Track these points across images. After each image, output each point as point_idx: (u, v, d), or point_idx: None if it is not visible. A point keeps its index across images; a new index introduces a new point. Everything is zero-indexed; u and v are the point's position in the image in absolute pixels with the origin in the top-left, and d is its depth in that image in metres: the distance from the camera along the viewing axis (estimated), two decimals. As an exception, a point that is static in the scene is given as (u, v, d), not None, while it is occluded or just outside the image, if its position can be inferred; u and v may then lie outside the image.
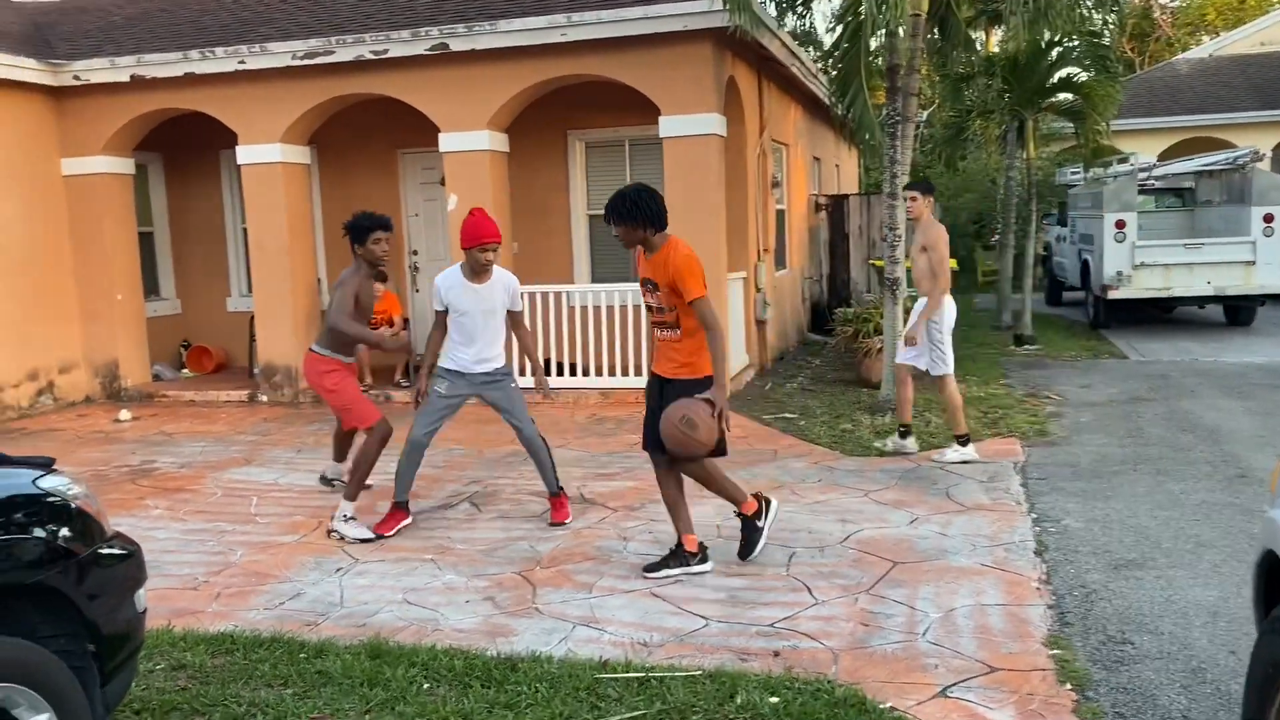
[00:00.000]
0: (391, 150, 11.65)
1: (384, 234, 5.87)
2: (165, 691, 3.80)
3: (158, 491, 6.94)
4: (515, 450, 7.72)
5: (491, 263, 5.73)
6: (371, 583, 4.99)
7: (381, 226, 5.87)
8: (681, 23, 8.83)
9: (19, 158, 10.11)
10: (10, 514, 2.72)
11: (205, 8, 11.44)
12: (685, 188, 9.15)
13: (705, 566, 4.95)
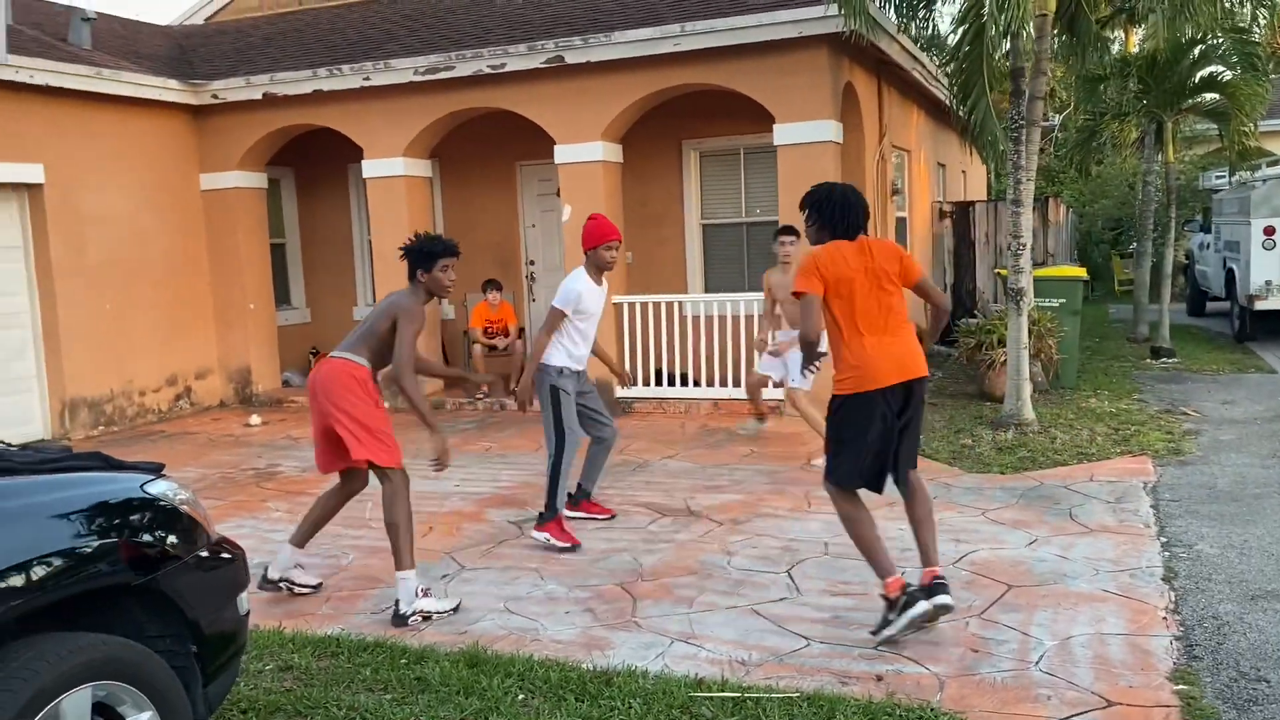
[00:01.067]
0: (510, 162, 11.85)
1: (453, 260, 5.04)
2: (272, 692, 3.91)
3: (280, 494, 7.19)
4: (624, 460, 7.74)
5: (613, 262, 5.88)
6: (475, 590, 5.04)
7: (450, 252, 5.02)
8: (796, 29, 8.71)
9: (163, 174, 10.67)
10: (120, 517, 2.83)
11: (334, 27, 11.88)
12: (799, 196, 8.98)
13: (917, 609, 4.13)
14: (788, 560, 5.27)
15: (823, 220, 4.41)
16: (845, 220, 4.36)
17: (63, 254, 9.55)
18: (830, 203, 4.39)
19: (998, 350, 9.39)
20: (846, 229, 4.36)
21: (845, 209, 4.37)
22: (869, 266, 4.26)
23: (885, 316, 4.26)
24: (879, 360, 4.20)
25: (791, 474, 7.11)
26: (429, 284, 5.02)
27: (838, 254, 4.27)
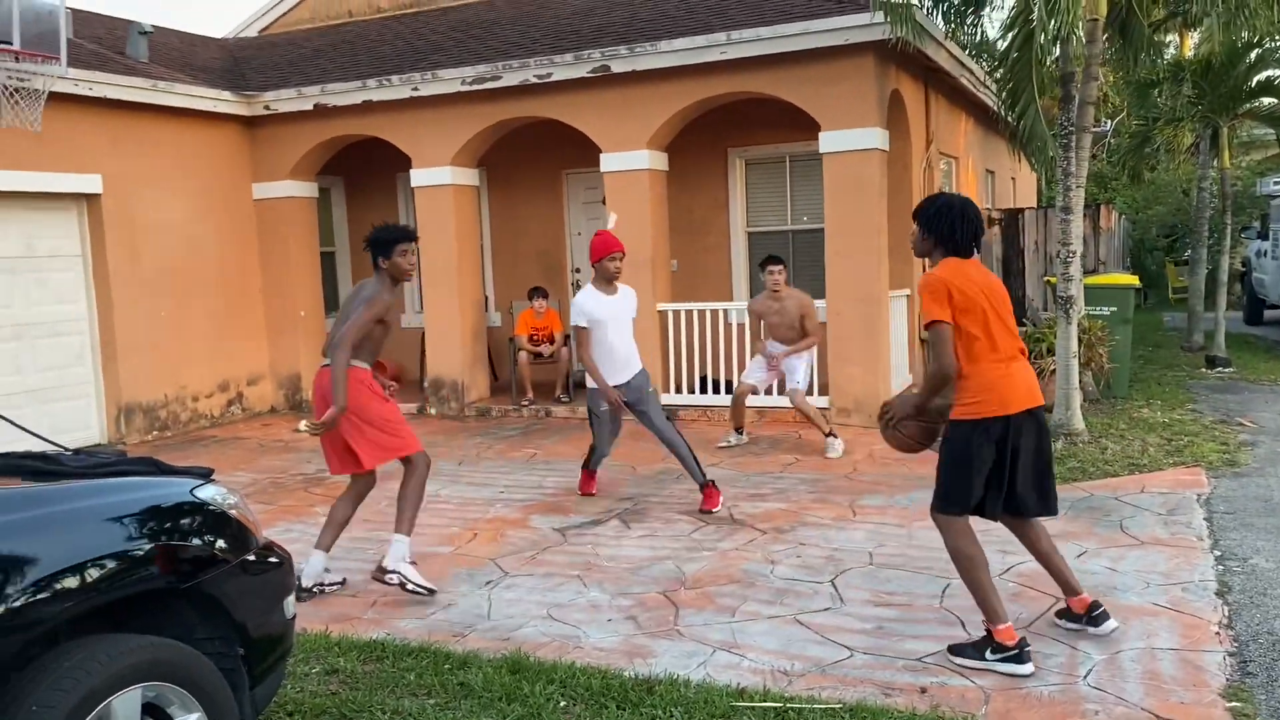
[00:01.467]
0: (556, 171, 11.92)
1: (410, 245, 5.34)
2: (317, 695, 3.96)
3: (328, 500, 7.26)
4: (668, 468, 7.74)
5: (619, 272, 6.52)
6: (518, 597, 5.07)
7: (406, 237, 5.34)
8: (842, 37, 8.67)
9: (217, 184, 10.88)
10: (170, 521, 2.89)
11: (383, 38, 12.04)
12: (845, 203, 8.98)
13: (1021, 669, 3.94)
14: (831, 570, 5.24)
15: (939, 234, 4.11)
16: (964, 234, 4.09)
17: (119, 262, 9.77)
18: (949, 215, 4.09)
19: (1047, 359, 9.25)
20: (963, 245, 4.10)
21: (964, 222, 4.09)
22: (991, 286, 4.08)
23: (1013, 340, 4.10)
24: (1010, 385, 4.02)
25: (835, 483, 7.06)
26: (390, 269, 5.33)
27: (962, 273, 4.03)
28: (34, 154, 8.94)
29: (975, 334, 4.01)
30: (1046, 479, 4.19)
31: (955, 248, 4.10)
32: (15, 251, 9.08)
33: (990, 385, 4.01)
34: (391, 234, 5.34)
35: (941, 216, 4.10)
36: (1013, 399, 4.02)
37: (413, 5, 13.18)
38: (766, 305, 8.30)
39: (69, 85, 8.83)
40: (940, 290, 3.99)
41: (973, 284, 4.03)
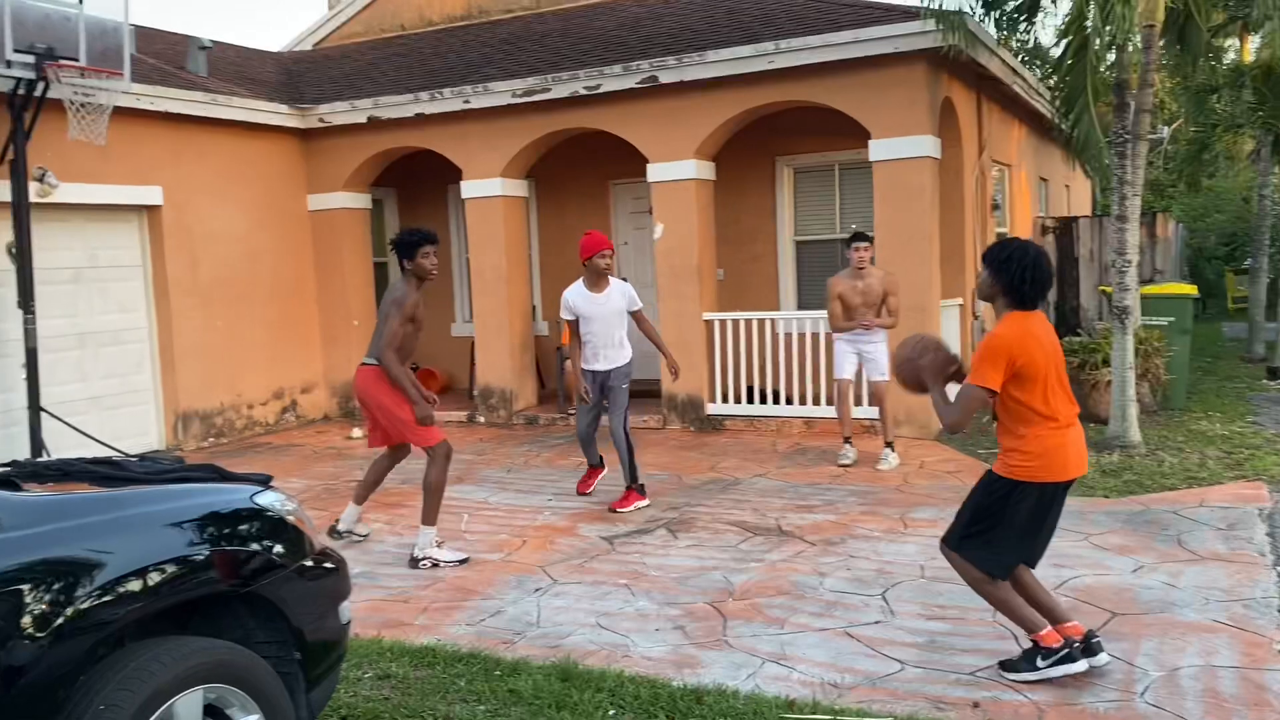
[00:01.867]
0: (603, 181, 11.98)
1: (432, 247, 5.89)
2: (370, 700, 4.01)
3: (379, 506, 7.37)
4: (714, 478, 7.74)
5: (608, 269, 6.89)
6: (567, 604, 5.10)
7: (430, 240, 5.89)
8: (893, 45, 8.63)
9: (273, 195, 11.09)
10: (230, 527, 2.96)
11: (435, 51, 12.20)
12: (896, 212, 8.92)
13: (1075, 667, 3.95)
14: (882, 583, 5.20)
15: (1006, 282, 3.91)
16: (1032, 288, 3.89)
17: (178, 272, 9.98)
18: (1021, 264, 3.87)
19: (1102, 370, 9.12)
20: (1029, 298, 3.91)
21: (1035, 273, 3.87)
22: (1054, 346, 3.93)
23: (1071, 405, 4.00)
24: (1065, 455, 3.93)
25: (885, 495, 7.01)
26: (415, 270, 5.91)
27: (1028, 333, 3.86)
28: (98, 167, 9.18)
29: (1035, 405, 3.90)
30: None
31: (1020, 299, 3.92)
32: (79, 262, 9.32)
33: (1048, 451, 3.91)
34: (415, 236, 5.87)
35: (1012, 264, 3.89)
36: (1069, 467, 3.95)
37: (464, 19, 13.34)
38: (848, 284, 7.91)
39: (131, 100, 9.06)
40: (1000, 356, 3.83)
41: (1040, 346, 3.87)
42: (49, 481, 2.98)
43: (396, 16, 13.78)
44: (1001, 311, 3.98)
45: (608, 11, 11.96)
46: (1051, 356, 3.92)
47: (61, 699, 2.46)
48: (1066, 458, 3.94)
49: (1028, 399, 3.89)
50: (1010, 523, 3.95)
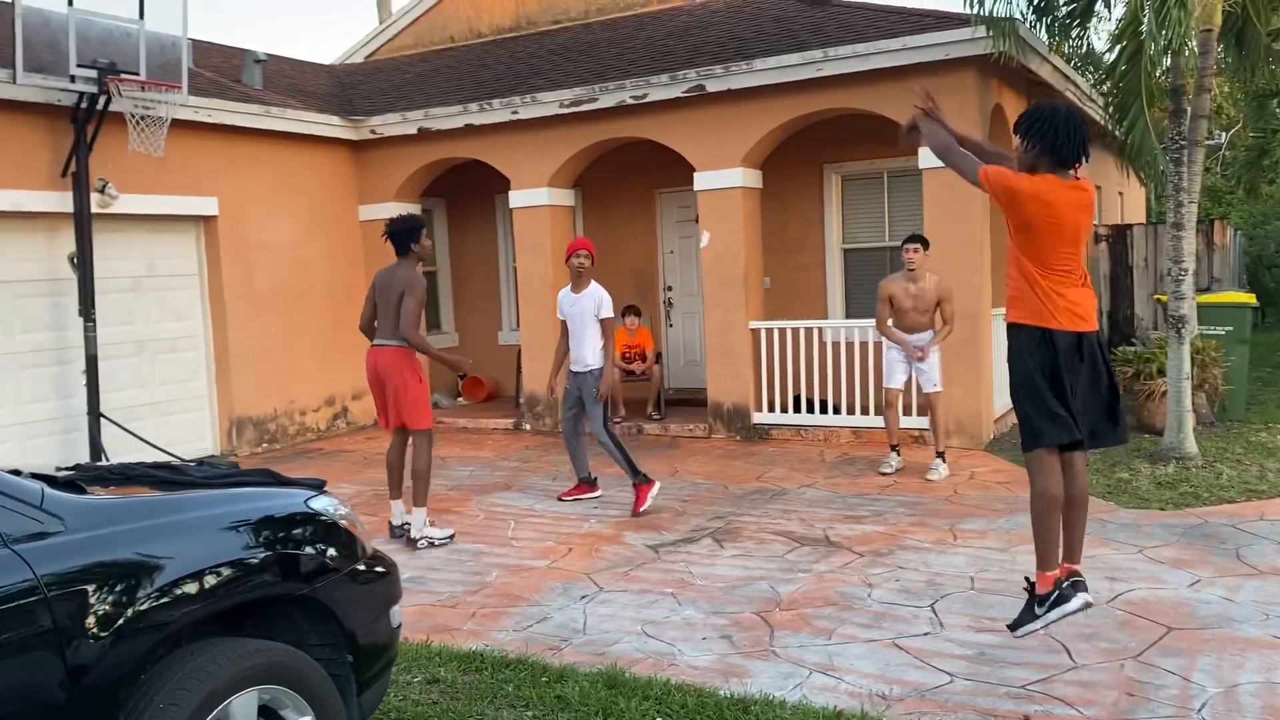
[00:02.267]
0: (649, 190, 12.02)
1: (425, 230, 6.69)
2: (419, 704, 4.05)
3: (429, 512, 7.42)
4: (761, 487, 7.71)
5: (581, 269, 7.30)
6: (613, 612, 5.11)
7: (423, 225, 6.68)
8: (943, 52, 8.57)
9: (326, 205, 11.26)
10: (285, 531, 3.01)
11: (484, 63, 12.32)
12: (945, 220, 8.85)
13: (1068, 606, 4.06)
14: (931, 594, 5.15)
15: (1046, 145, 3.97)
16: (1072, 145, 3.95)
17: (233, 281, 10.17)
18: (1054, 123, 3.95)
19: (1157, 380, 8.96)
20: (1071, 155, 3.97)
21: (1070, 130, 3.95)
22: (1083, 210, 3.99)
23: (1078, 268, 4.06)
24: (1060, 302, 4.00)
25: (935, 505, 6.94)
26: (419, 251, 6.59)
27: (1057, 188, 3.94)
28: (156, 178, 9.39)
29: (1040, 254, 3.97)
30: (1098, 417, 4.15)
31: (1061, 158, 3.97)
32: (138, 271, 9.54)
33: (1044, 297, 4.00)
34: (416, 223, 6.61)
35: (1044, 124, 3.97)
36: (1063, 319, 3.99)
37: (512, 30, 13.47)
38: (900, 286, 7.87)
39: (189, 112, 9.25)
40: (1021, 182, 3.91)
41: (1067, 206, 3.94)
42: (111, 485, 3.06)
43: (446, 29, 13.95)
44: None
45: (655, 21, 12.01)
46: (1076, 219, 3.98)
47: (122, 698, 2.52)
48: (1056, 307, 3.99)
49: (1030, 248, 3.98)
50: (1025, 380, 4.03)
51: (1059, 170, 3.99)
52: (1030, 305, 4.02)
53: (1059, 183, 3.96)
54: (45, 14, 7.84)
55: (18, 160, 8.32)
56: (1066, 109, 4.02)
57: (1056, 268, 3.99)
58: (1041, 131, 3.97)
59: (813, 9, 10.51)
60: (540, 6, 13.31)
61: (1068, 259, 4.01)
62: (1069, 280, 4.02)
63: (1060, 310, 3.98)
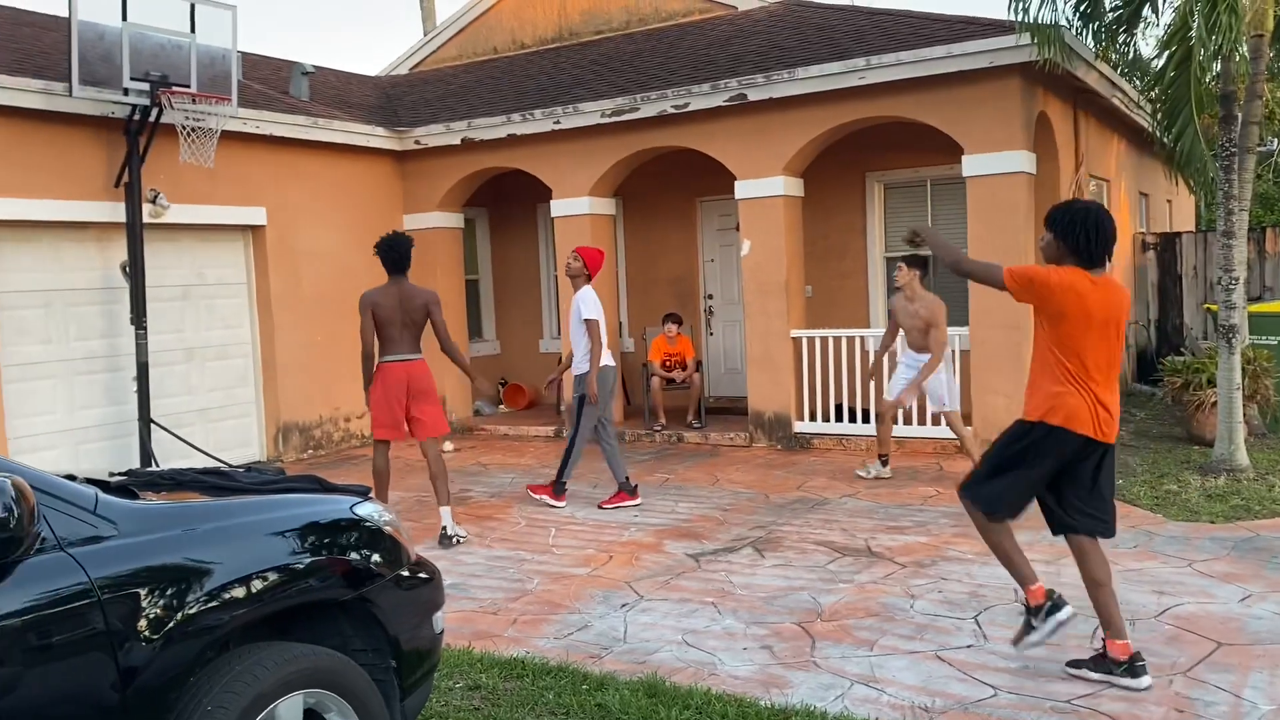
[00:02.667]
0: (690, 199, 12.03)
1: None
2: (461, 710, 4.08)
3: (470, 518, 7.50)
4: (802, 497, 7.68)
5: (569, 270, 7.60)
6: (654, 621, 5.11)
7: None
8: (987, 59, 8.51)
9: (369, 214, 11.40)
10: (331, 536, 3.05)
11: (527, 73, 12.42)
12: (989, 228, 8.77)
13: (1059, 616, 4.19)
14: (975, 606, 5.10)
15: (1075, 244, 4.03)
16: (1099, 246, 4.02)
17: (280, 289, 10.33)
18: (1085, 225, 4.01)
19: (1207, 390, 8.81)
20: (1098, 256, 4.03)
21: (1100, 232, 4.01)
22: (1117, 308, 4.02)
23: (1112, 373, 4.07)
24: (1085, 408, 4.00)
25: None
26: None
27: (1085, 283, 3.98)
28: (206, 189, 9.57)
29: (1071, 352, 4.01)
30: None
31: (1090, 259, 4.03)
32: (188, 280, 9.72)
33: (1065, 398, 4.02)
34: (410, 240, 7.19)
35: (1076, 225, 4.01)
36: (1086, 424, 4.00)
37: (555, 41, 13.56)
38: (903, 303, 7.99)
39: (238, 124, 9.42)
40: (1044, 276, 3.99)
41: (1098, 302, 3.97)
42: (162, 490, 3.12)
43: (490, 40, 14.08)
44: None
45: (697, 30, 12.03)
46: (1109, 317, 4.00)
47: (172, 700, 2.57)
48: (1084, 412, 4.00)
49: (1065, 342, 4.00)
50: (1019, 462, 4.11)
51: (1088, 268, 4.03)
52: (1056, 403, 4.01)
53: (1087, 277, 4.01)
54: (101, 28, 8.03)
55: (73, 171, 8.52)
56: (1099, 208, 4.07)
57: (1090, 363, 4.01)
58: (1074, 231, 4.02)
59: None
60: (583, 17, 13.40)
61: (1103, 354, 4.03)
62: (1105, 381, 4.04)
63: (1092, 414, 4.01)
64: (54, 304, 8.62)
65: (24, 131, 8.20)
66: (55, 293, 8.63)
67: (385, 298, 6.98)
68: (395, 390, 6.86)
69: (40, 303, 8.53)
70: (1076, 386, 4.00)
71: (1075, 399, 3.99)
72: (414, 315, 6.96)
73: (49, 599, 2.36)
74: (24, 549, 2.34)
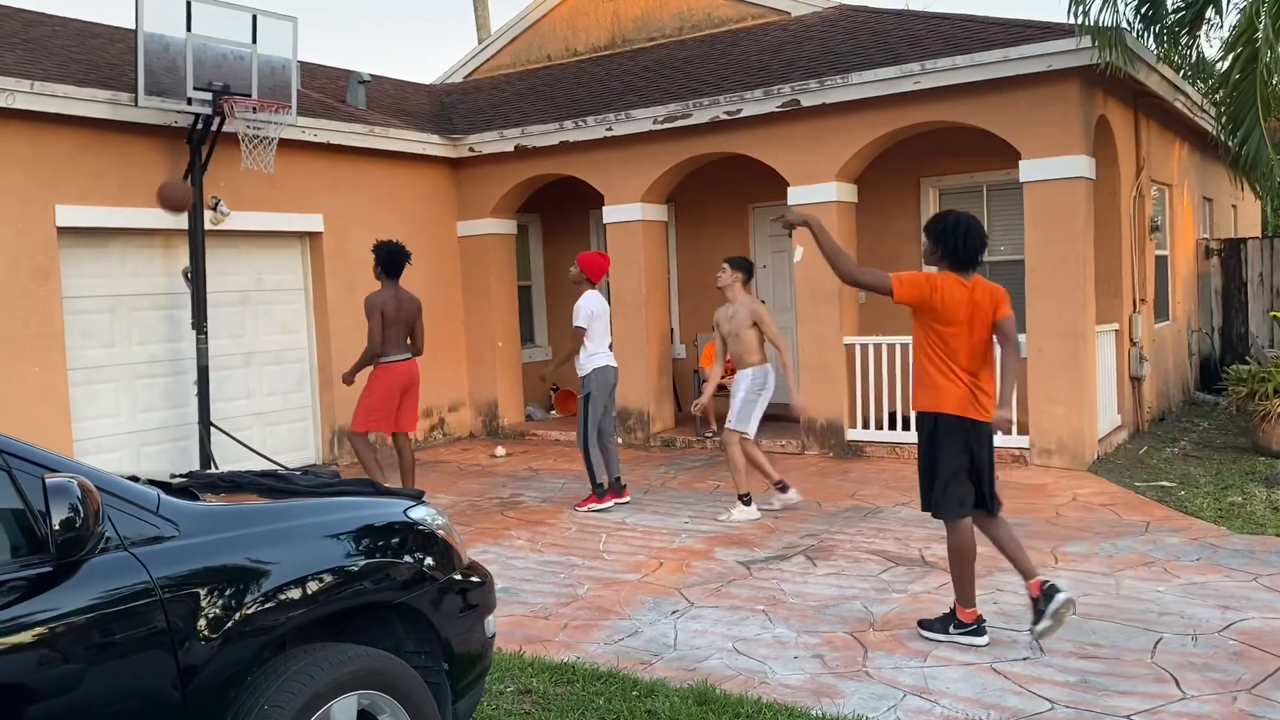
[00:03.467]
0: (742, 205, 12.00)
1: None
2: (512, 713, 4.10)
3: (522, 523, 7.54)
4: (854, 505, 7.62)
5: (572, 280, 7.99)
6: (704, 628, 5.10)
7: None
8: (1045, 63, 8.38)
9: (423, 221, 11.53)
10: (385, 539, 3.09)
11: (579, 80, 12.48)
12: (1047, 234, 8.63)
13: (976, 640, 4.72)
14: (1030, 618, 5.01)
15: (947, 250, 4.66)
16: (968, 252, 4.64)
17: (336, 295, 10.48)
18: (955, 233, 4.63)
19: (1273, 400, 8.59)
20: (966, 261, 4.65)
21: (969, 239, 4.63)
22: (986, 306, 4.64)
23: (979, 364, 4.67)
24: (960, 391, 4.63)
25: (1036, 527, 6.76)
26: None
27: (958, 286, 4.63)
28: (265, 196, 9.74)
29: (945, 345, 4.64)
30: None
31: (958, 262, 4.66)
32: (247, 285, 9.90)
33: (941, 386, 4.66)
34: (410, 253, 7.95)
35: (948, 233, 4.65)
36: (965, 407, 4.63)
37: (608, 48, 13.61)
38: (721, 311, 7.52)
39: (296, 132, 9.59)
40: (924, 279, 4.62)
41: (967, 301, 4.61)
42: (222, 492, 3.18)
43: (543, 48, 14.17)
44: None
45: (749, 36, 12.01)
46: (977, 315, 4.63)
47: (230, 698, 2.61)
48: (965, 397, 4.63)
49: (943, 338, 4.61)
50: (931, 457, 4.69)
51: (959, 272, 4.67)
52: (945, 394, 4.63)
53: (959, 280, 4.65)
54: (165, 39, 8.22)
55: (138, 179, 8.73)
56: (969, 218, 4.69)
57: (964, 355, 4.63)
58: (947, 239, 4.65)
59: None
60: (635, 25, 13.44)
61: (976, 345, 4.65)
62: (979, 369, 4.66)
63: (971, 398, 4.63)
64: (118, 309, 8.83)
65: (92, 141, 8.42)
66: (120, 298, 8.85)
67: (389, 301, 7.71)
68: (396, 387, 7.67)
69: (106, 308, 8.74)
70: (956, 375, 4.62)
71: (958, 387, 4.62)
72: (408, 318, 7.80)
73: (112, 597, 2.42)
74: (89, 548, 2.40)
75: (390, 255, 7.84)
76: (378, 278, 7.97)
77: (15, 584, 2.31)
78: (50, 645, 2.30)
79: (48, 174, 8.14)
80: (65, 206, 8.24)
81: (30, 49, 9.09)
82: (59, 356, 8.17)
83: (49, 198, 8.14)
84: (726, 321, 7.47)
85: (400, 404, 7.76)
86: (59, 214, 8.19)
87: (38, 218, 8.07)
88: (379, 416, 7.67)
